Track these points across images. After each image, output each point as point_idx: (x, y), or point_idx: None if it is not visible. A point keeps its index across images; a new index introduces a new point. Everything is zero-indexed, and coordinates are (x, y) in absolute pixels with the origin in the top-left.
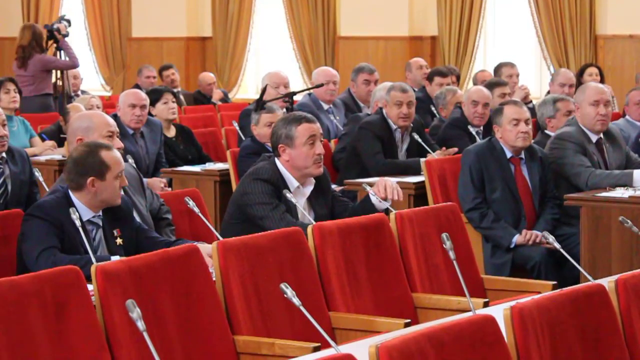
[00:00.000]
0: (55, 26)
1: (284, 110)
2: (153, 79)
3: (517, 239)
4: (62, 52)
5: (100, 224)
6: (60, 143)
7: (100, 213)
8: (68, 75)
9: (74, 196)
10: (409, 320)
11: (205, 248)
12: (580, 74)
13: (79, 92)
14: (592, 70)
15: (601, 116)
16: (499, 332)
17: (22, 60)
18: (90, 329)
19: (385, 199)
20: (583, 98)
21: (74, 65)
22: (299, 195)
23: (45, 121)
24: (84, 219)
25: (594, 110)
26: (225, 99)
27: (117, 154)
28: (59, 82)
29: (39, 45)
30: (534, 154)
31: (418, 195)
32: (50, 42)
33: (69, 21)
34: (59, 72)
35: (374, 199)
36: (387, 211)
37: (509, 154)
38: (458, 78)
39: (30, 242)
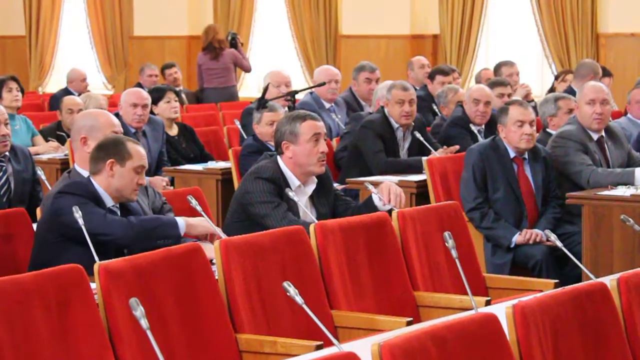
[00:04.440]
0: (236, 34)
1: (286, 109)
2: (155, 78)
3: (517, 238)
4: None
5: (118, 214)
6: (59, 139)
7: (118, 205)
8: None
9: (95, 183)
10: (411, 319)
11: (207, 249)
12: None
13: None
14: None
15: (597, 115)
16: (501, 330)
17: (217, 52)
18: (93, 327)
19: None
20: (580, 97)
21: (250, 68)
22: (301, 194)
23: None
24: (108, 205)
25: (591, 109)
26: None
27: (143, 151)
28: None
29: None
30: (538, 154)
31: (420, 194)
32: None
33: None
34: None
35: (377, 201)
36: (389, 210)
37: (512, 154)
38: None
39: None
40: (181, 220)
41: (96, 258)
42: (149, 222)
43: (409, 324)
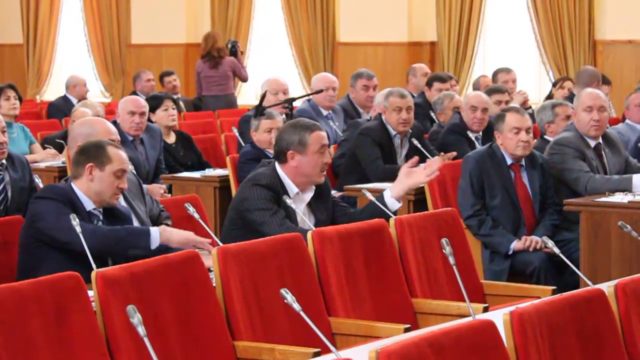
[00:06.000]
0: (236, 42)
1: (284, 116)
2: (152, 82)
3: (516, 244)
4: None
5: (101, 217)
6: (58, 147)
7: (101, 209)
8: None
9: (75, 187)
10: (408, 326)
11: (205, 256)
12: None
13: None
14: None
15: (595, 122)
16: (499, 337)
17: (216, 61)
18: (91, 334)
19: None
20: (578, 104)
21: (247, 78)
22: (299, 201)
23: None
24: (87, 209)
25: (588, 116)
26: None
27: (124, 155)
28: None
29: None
30: (535, 160)
31: (417, 200)
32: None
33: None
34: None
35: (388, 199)
36: (386, 216)
37: (509, 161)
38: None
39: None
40: (155, 230)
41: (93, 266)
42: (116, 232)
43: (406, 330)
